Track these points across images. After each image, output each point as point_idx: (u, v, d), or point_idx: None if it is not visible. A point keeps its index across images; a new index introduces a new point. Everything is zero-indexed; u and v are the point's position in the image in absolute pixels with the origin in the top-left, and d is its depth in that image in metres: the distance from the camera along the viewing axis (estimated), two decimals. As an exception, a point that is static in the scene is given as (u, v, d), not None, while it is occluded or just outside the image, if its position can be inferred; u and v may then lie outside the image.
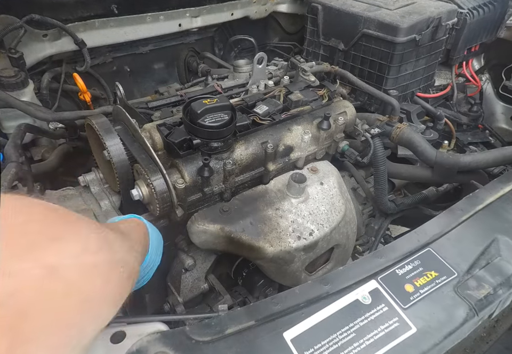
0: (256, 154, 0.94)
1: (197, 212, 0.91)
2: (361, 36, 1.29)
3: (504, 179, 0.92)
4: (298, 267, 0.95)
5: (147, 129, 0.90)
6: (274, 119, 0.99)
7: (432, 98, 1.55)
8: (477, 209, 0.84)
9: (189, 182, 0.85)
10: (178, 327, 0.60)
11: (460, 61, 1.62)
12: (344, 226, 1.00)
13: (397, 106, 1.20)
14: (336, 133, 1.06)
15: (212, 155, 0.88)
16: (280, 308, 0.63)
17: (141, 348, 0.55)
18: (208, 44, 1.69)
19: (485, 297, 0.68)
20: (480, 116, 1.70)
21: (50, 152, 1.12)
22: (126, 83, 1.38)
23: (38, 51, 1.21)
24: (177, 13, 1.41)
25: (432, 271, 0.72)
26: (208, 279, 1.00)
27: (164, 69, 1.62)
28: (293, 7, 1.72)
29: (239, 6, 1.56)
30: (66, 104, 1.35)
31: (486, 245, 0.76)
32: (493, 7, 1.55)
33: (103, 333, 0.56)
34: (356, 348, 0.60)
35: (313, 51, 1.48)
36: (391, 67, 1.27)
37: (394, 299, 0.66)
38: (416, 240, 0.77)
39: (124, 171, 0.85)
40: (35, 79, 1.24)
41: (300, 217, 0.92)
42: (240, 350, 0.57)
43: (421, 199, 1.33)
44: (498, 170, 1.31)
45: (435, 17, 1.28)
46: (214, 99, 0.87)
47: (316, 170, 1.03)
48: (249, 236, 0.88)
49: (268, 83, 1.17)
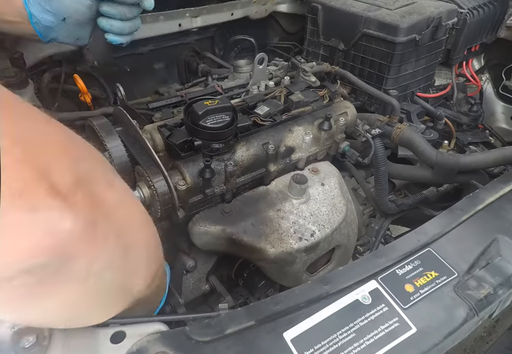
0: (257, 155, 0.95)
1: (198, 213, 0.91)
2: (361, 36, 1.29)
3: (504, 179, 0.92)
4: (300, 268, 0.95)
5: (148, 131, 0.90)
6: (275, 120, 0.99)
7: (432, 98, 1.54)
8: (477, 209, 0.84)
9: (190, 184, 0.85)
10: (178, 327, 0.60)
11: (460, 60, 1.61)
12: (345, 227, 1.00)
13: (397, 106, 1.20)
14: (337, 134, 1.06)
15: (213, 157, 0.88)
16: (280, 308, 0.63)
17: (141, 348, 0.55)
18: (208, 44, 1.69)
19: (485, 297, 0.68)
20: (480, 116, 1.70)
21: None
22: (125, 83, 1.37)
23: (38, 51, 1.20)
24: (177, 13, 1.41)
25: (432, 271, 0.72)
26: (209, 280, 1.00)
27: (164, 69, 1.62)
28: (293, 7, 1.72)
29: (239, 6, 1.56)
30: (66, 105, 1.35)
31: (486, 245, 0.77)
32: (493, 7, 1.55)
33: (102, 333, 0.56)
34: (356, 349, 0.60)
35: (313, 51, 1.48)
36: (391, 67, 1.27)
37: (394, 299, 0.67)
38: (416, 240, 0.77)
39: (125, 172, 0.85)
40: (35, 79, 1.24)
41: (301, 218, 0.93)
42: (240, 350, 0.57)
43: (421, 199, 1.33)
44: (498, 170, 1.31)
45: (435, 17, 1.28)
46: (215, 101, 0.87)
47: (316, 171, 1.03)
48: (251, 237, 0.88)
49: (269, 83, 1.17)
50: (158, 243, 0.58)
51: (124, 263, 0.48)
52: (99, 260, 0.43)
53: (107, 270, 0.45)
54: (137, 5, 0.82)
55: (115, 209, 0.46)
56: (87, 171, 0.43)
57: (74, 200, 0.38)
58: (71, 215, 0.37)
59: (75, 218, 0.38)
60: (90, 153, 0.47)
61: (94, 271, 0.43)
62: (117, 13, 0.80)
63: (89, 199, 0.41)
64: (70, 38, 0.84)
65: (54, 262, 0.37)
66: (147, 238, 0.54)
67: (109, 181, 0.47)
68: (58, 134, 0.42)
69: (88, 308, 0.51)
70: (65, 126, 0.45)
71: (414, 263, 0.73)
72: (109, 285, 0.48)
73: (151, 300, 0.67)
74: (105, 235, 0.43)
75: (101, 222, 0.41)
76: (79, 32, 0.84)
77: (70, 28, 0.81)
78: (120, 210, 0.47)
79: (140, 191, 0.83)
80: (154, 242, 0.56)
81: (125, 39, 0.86)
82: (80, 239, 0.39)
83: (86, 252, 0.40)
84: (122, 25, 0.82)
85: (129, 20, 0.83)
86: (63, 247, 0.37)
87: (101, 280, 0.45)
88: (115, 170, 0.53)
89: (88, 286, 0.44)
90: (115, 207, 0.46)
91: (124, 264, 0.48)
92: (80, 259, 0.40)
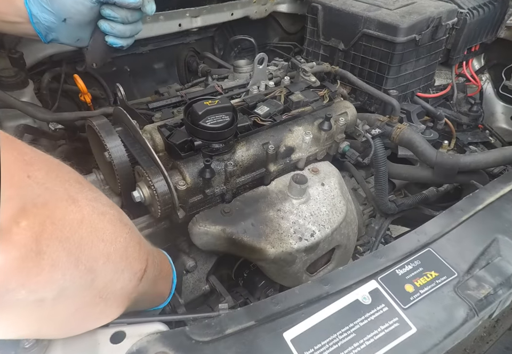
0: (257, 155, 0.95)
1: (198, 213, 0.91)
2: (361, 36, 1.29)
3: (504, 179, 0.92)
4: (300, 268, 0.95)
5: (148, 131, 0.90)
6: (275, 120, 0.99)
7: (432, 98, 1.54)
8: (477, 209, 0.84)
9: (190, 184, 0.85)
10: (178, 327, 0.60)
11: (460, 60, 1.62)
12: (345, 227, 1.00)
13: (397, 106, 1.20)
14: (337, 134, 1.06)
15: (213, 157, 0.88)
16: (280, 308, 0.63)
17: (141, 348, 0.55)
18: (208, 44, 1.69)
19: (485, 297, 0.68)
20: (480, 116, 1.70)
21: (51, 153, 1.12)
22: (125, 83, 1.38)
23: (38, 51, 1.20)
24: (177, 13, 1.41)
25: (432, 271, 0.72)
26: (209, 280, 1.00)
27: (164, 69, 1.62)
28: (293, 7, 1.72)
29: (239, 6, 1.56)
30: (66, 105, 1.35)
31: (486, 245, 0.76)
32: (493, 7, 1.55)
33: (102, 333, 0.56)
34: (356, 349, 0.60)
35: (313, 51, 1.48)
36: (391, 67, 1.27)
37: (394, 300, 0.67)
38: (416, 240, 0.77)
39: (125, 172, 0.85)
40: (35, 79, 1.24)
41: (301, 218, 0.93)
42: (240, 350, 0.57)
43: (421, 199, 1.33)
44: (498, 170, 1.31)
45: (435, 17, 1.28)
46: (215, 101, 0.87)
47: (316, 171, 1.03)
48: (251, 237, 0.88)
49: (269, 83, 1.17)
50: (137, 240, 0.56)
51: (91, 277, 0.47)
52: (48, 287, 0.42)
53: (66, 290, 0.44)
54: (139, 9, 0.81)
55: (75, 228, 0.44)
56: (39, 194, 0.41)
57: (13, 231, 0.37)
58: (4, 248, 0.37)
59: (9, 252, 0.37)
60: (47, 173, 0.45)
61: (45, 296, 0.43)
62: (119, 17, 0.79)
63: (38, 226, 0.40)
64: (70, 39, 0.84)
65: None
66: (122, 243, 0.52)
67: (71, 198, 0.45)
68: (6, 159, 0.39)
69: (64, 324, 0.51)
70: (20, 144, 0.43)
71: (414, 263, 0.73)
72: (79, 301, 0.48)
73: (160, 285, 0.68)
74: (54, 261, 0.41)
75: (50, 248, 0.41)
76: (80, 33, 0.84)
77: (70, 29, 0.81)
78: (82, 228, 0.45)
79: (140, 191, 0.83)
80: (133, 242, 0.54)
81: (125, 42, 0.86)
82: (15, 272, 0.38)
83: (25, 283, 0.40)
84: (123, 28, 0.82)
85: (130, 23, 0.83)
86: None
87: (64, 300, 0.45)
88: (83, 179, 0.51)
89: (46, 308, 0.44)
90: (76, 225, 0.44)
91: (94, 278, 0.47)
92: (20, 290, 0.40)
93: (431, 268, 0.72)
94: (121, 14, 0.79)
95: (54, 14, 0.77)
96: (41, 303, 0.43)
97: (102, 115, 0.90)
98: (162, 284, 0.70)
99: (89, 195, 0.49)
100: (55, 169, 0.48)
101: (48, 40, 0.83)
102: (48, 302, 0.43)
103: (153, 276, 0.61)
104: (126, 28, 0.82)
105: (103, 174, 0.95)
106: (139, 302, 0.60)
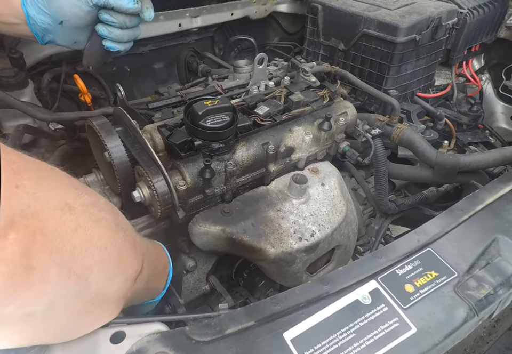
0: (257, 155, 0.95)
1: (198, 213, 0.91)
2: (361, 36, 1.29)
3: (504, 179, 0.92)
4: (300, 268, 0.95)
5: (148, 131, 0.90)
6: (275, 120, 0.99)
7: (432, 98, 1.54)
8: (477, 209, 0.84)
9: (190, 184, 0.85)
10: (178, 327, 0.60)
11: (460, 60, 1.62)
12: (345, 227, 1.00)
13: (397, 106, 1.20)
14: (337, 134, 1.06)
15: (213, 157, 0.88)
16: (280, 308, 0.63)
17: (141, 348, 0.55)
18: (208, 44, 1.69)
19: (485, 297, 0.68)
20: (480, 116, 1.70)
21: (51, 153, 1.12)
22: (125, 83, 1.38)
23: (38, 51, 1.20)
24: (177, 13, 1.41)
25: (432, 271, 0.72)
26: (209, 280, 1.00)
27: (164, 69, 1.62)
28: (293, 7, 1.72)
29: (239, 6, 1.56)
30: (66, 105, 1.35)
31: (486, 245, 0.76)
32: (493, 7, 1.55)
33: (102, 333, 0.56)
34: (356, 349, 0.60)
35: (313, 51, 1.48)
36: (391, 67, 1.27)
37: (394, 300, 0.67)
38: (416, 240, 0.77)
39: (125, 172, 0.85)
40: (35, 79, 1.24)
41: (301, 218, 0.93)
42: (240, 350, 0.57)
43: (421, 199, 1.33)
44: (498, 170, 1.31)
45: (435, 17, 1.28)
46: (215, 101, 0.87)
47: (316, 171, 1.03)
48: (251, 237, 0.88)
49: (269, 83, 1.17)
50: (132, 242, 0.55)
51: (84, 286, 0.46)
52: (37, 301, 0.41)
53: (57, 302, 0.44)
54: (137, 15, 0.81)
55: (69, 238, 0.43)
56: (29, 204, 0.40)
57: (0, 246, 0.36)
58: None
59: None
60: (37, 182, 0.43)
61: (35, 310, 0.42)
62: (117, 22, 0.79)
63: (27, 238, 0.38)
64: (67, 41, 0.84)
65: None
66: (117, 248, 0.51)
67: (68, 205, 0.44)
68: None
69: (58, 332, 0.51)
70: (9, 152, 0.41)
71: (414, 263, 0.73)
72: (71, 310, 0.47)
73: (155, 281, 0.68)
74: (44, 276, 0.40)
75: (40, 262, 0.40)
76: (76, 36, 0.84)
77: (67, 31, 0.81)
78: (77, 237, 0.44)
79: (139, 191, 0.83)
80: (128, 245, 0.53)
81: (123, 47, 0.85)
82: (3, 288, 0.37)
83: (14, 299, 0.39)
84: (121, 33, 0.81)
85: (128, 29, 0.82)
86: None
87: (55, 311, 0.45)
88: (79, 184, 0.50)
89: (36, 321, 0.44)
90: (70, 235, 0.43)
91: (87, 286, 0.46)
92: (7, 306, 0.39)
93: (431, 268, 0.72)
94: (119, 19, 0.79)
95: (50, 16, 0.77)
96: (31, 317, 0.42)
97: (102, 115, 0.90)
98: (158, 279, 0.70)
99: (87, 201, 0.48)
100: (46, 176, 0.46)
101: (45, 42, 0.83)
102: (38, 315, 0.43)
103: (148, 275, 0.61)
104: (124, 33, 0.82)
105: (103, 174, 0.95)
106: (134, 299, 0.60)
